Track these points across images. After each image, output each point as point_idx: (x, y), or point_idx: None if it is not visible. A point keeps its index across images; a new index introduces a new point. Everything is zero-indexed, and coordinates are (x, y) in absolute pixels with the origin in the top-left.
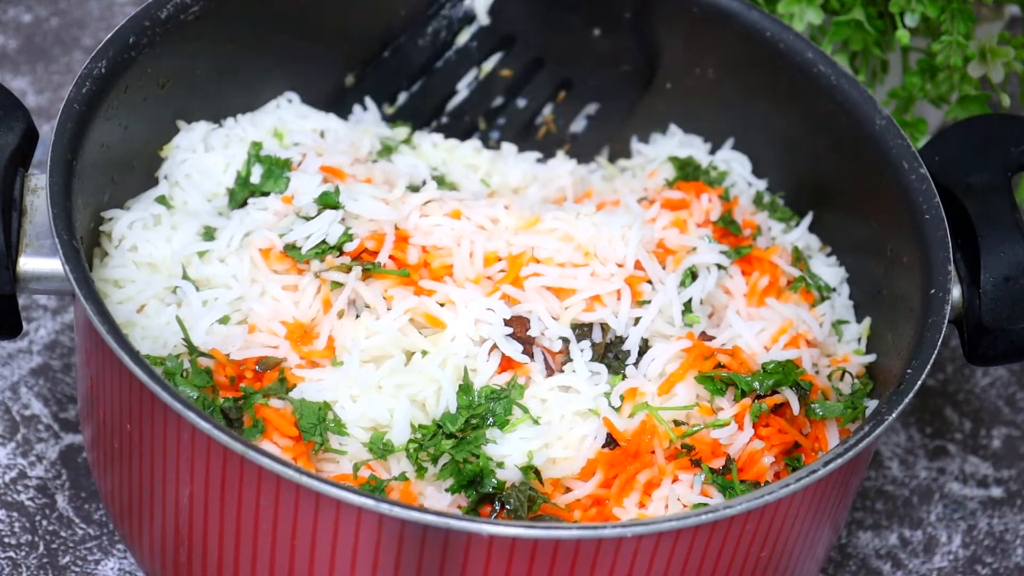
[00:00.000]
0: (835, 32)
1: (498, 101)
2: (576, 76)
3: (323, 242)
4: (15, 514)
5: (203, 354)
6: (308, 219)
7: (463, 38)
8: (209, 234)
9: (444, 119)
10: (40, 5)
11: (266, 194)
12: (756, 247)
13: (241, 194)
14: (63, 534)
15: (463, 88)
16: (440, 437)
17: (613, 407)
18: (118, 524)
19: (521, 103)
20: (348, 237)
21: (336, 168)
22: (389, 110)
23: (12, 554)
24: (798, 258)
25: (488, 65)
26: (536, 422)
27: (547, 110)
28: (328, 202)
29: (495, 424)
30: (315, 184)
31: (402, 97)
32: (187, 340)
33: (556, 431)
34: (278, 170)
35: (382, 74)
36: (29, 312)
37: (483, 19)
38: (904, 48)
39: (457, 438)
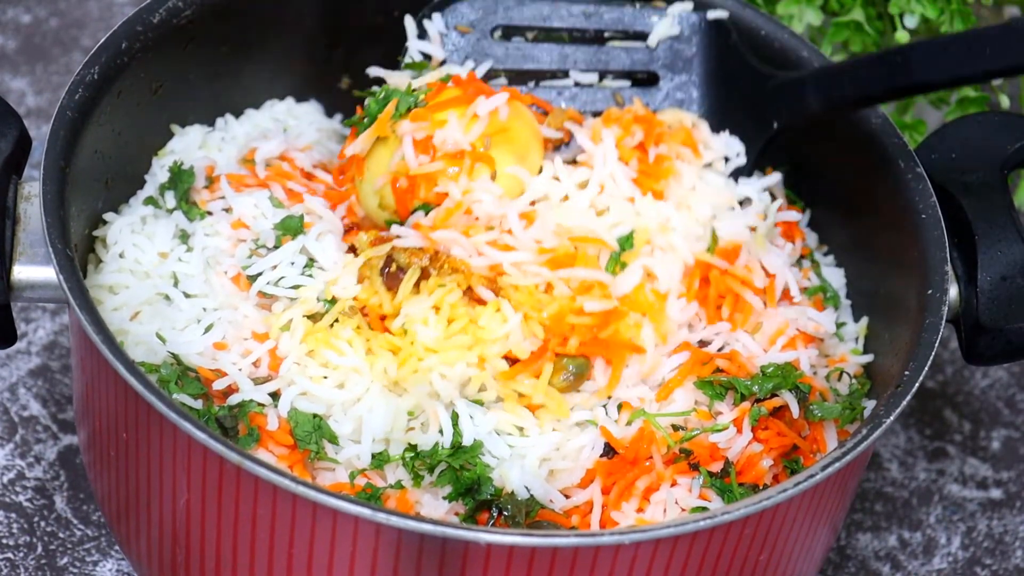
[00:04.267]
0: (834, 33)
1: (563, 103)
2: None
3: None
4: (13, 515)
5: (191, 369)
6: (267, 249)
7: (616, 43)
8: (184, 236)
9: (532, 83)
10: (39, 6)
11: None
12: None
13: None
14: (61, 535)
15: (573, 77)
16: (437, 447)
17: (610, 415)
18: (114, 527)
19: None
20: (312, 267)
21: (283, 172)
22: (496, 36)
23: (10, 555)
24: (811, 260)
25: (612, 83)
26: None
27: None
28: (290, 228)
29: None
30: (263, 203)
31: (515, 39)
32: (175, 356)
33: (553, 442)
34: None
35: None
36: (28, 313)
37: (652, 42)
38: None
39: (454, 448)
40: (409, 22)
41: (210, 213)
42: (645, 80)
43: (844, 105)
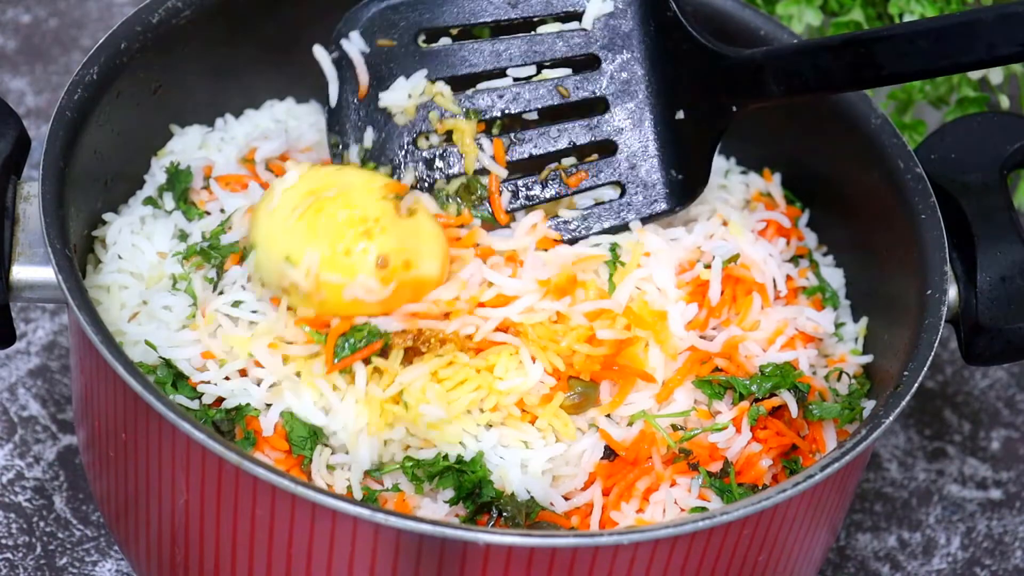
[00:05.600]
0: (834, 33)
1: (532, 114)
2: (626, 146)
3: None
4: (12, 515)
5: (183, 375)
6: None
7: (549, 27)
8: (183, 236)
9: (470, 91)
10: (39, 6)
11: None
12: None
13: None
14: (60, 535)
15: (510, 73)
16: (439, 457)
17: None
18: (113, 527)
19: (553, 132)
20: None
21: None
22: (421, 42)
23: (9, 555)
24: (810, 260)
25: (551, 73)
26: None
27: (569, 158)
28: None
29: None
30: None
31: (443, 40)
32: (166, 361)
33: (557, 452)
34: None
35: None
36: (27, 313)
37: (587, 23)
38: None
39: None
40: (321, 54)
41: (208, 213)
42: (585, 64)
43: (805, 92)
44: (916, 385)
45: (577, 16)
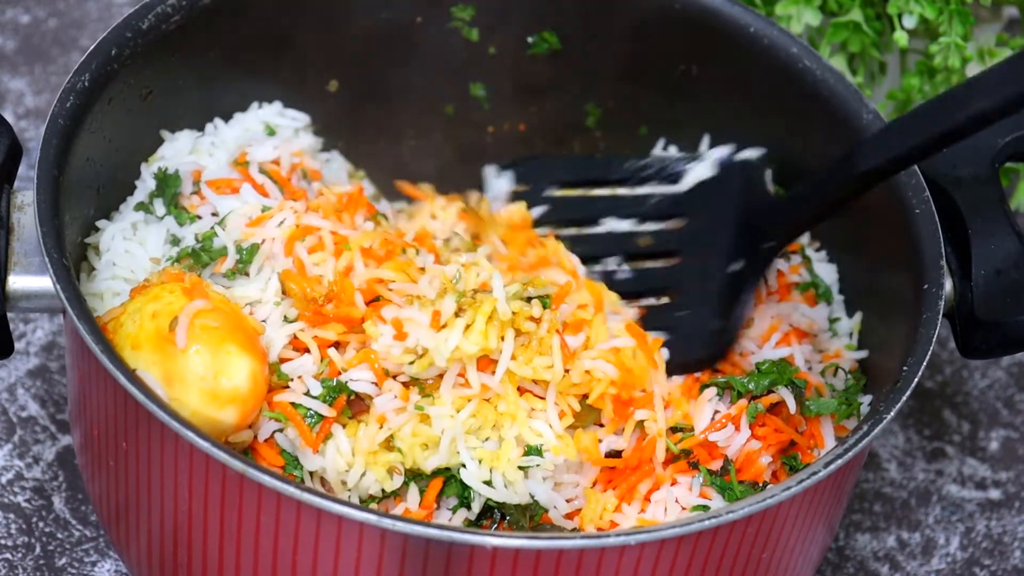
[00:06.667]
0: (833, 34)
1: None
2: (689, 294)
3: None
4: (12, 516)
5: None
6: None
7: (647, 188)
8: (175, 241)
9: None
10: (38, 6)
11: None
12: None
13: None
14: (60, 536)
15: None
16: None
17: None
18: (110, 529)
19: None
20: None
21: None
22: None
23: (8, 556)
24: (802, 256)
25: (644, 226)
26: (540, 453)
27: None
28: (249, 257)
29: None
30: (251, 207)
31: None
32: None
33: (559, 463)
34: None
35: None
36: (26, 314)
37: (683, 186)
38: (902, 50)
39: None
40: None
41: (199, 217)
42: (670, 217)
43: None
44: (916, 380)
45: (678, 177)
